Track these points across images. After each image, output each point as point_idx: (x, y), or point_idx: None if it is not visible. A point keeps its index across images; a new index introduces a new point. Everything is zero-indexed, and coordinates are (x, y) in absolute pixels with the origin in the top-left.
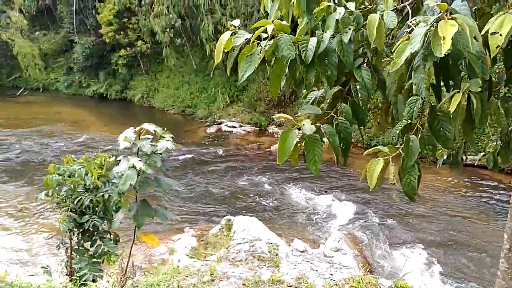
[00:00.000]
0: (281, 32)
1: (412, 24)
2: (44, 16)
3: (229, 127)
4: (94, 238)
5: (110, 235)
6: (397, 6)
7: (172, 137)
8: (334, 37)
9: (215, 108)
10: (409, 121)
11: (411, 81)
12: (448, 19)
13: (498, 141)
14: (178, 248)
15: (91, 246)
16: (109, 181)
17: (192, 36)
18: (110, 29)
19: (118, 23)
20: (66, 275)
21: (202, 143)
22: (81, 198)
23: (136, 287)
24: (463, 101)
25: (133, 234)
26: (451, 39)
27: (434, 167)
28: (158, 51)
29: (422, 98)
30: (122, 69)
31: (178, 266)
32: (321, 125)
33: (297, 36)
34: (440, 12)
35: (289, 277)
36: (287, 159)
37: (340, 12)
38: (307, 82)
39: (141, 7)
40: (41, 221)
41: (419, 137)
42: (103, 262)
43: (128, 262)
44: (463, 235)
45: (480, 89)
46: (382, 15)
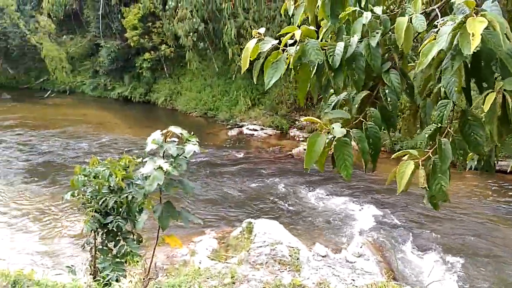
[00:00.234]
0: (307, 37)
1: (440, 24)
2: (71, 21)
3: (250, 130)
4: (117, 238)
5: (133, 236)
6: (426, 10)
7: (197, 140)
8: (361, 41)
9: (236, 111)
10: (439, 125)
11: (440, 85)
12: (477, 16)
13: None
14: (200, 250)
15: (115, 247)
16: (133, 182)
17: (215, 40)
18: (135, 33)
19: (142, 27)
20: (90, 274)
21: (223, 146)
22: (105, 199)
23: None
24: (498, 99)
25: (157, 236)
26: (481, 37)
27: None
28: (182, 55)
29: (453, 102)
30: (146, 72)
31: (199, 268)
32: (350, 130)
33: (320, 40)
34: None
35: (310, 282)
36: (313, 163)
37: (366, 16)
38: (336, 87)
39: (165, 12)
40: (66, 221)
41: (450, 141)
42: (126, 262)
43: (151, 263)
44: (490, 242)
45: None
46: (411, 18)
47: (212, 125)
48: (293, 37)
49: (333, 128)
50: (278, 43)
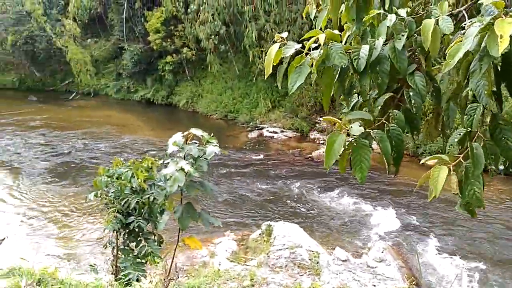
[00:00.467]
0: (331, 41)
1: (467, 26)
2: (95, 24)
3: (270, 132)
4: (139, 239)
5: (155, 237)
6: (452, 11)
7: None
8: (385, 44)
9: (257, 113)
10: (469, 129)
11: (468, 88)
12: (507, 17)
13: None
14: (219, 251)
15: (136, 247)
16: (155, 183)
17: (236, 43)
18: (158, 36)
19: (165, 30)
20: (112, 274)
21: (243, 148)
22: (127, 200)
23: None
24: None
25: (177, 237)
26: (510, 39)
27: (486, 176)
28: (203, 58)
29: (483, 106)
30: (168, 75)
31: (218, 270)
32: (371, 131)
33: (343, 44)
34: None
35: (330, 286)
36: (333, 163)
37: (391, 19)
38: (362, 90)
39: (187, 15)
40: (88, 220)
41: (481, 145)
42: (147, 262)
43: (171, 264)
44: None
45: None
46: (437, 20)
47: (232, 128)
48: (317, 41)
49: (351, 127)
50: (301, 47)
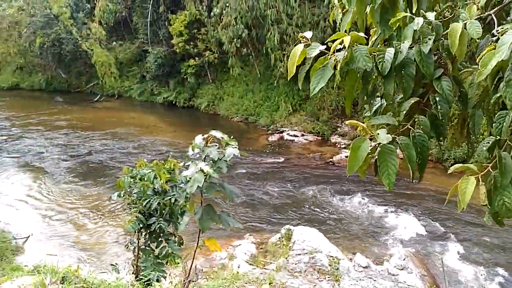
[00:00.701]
0: (356, 44)
1: (499, 32)
2: (121, 28)
3: (291, 135)
4: (160, 239)
5: (175, 238)
6: (481, 15)
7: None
8: (411, 47)
9: (277, 116)
10: (498, 137)
11: (498, 94)
12: None
13: None
14: (238, 254)
15: (157, 247)
16: (177, 185)
17: (258, 46)
18: (181, 39)
19: (188, 34)
20: (132, 273)
21: (263, 151)
22: (149, 201)
23: None
24: None
25: (197, 238)
26: None
27: None
28: (225, 61)
29: None
30: (190, 78)
31: (237, 272)
32: (396, 137)
33: (370, 47)
34: None
35: None
36: (357, 168)
37: (418, 22)
38: (386, 94)
39: (210, 18)
40: (110, 220)
41: (510, 154)
42: (167, 263)
43: (191, 265)
44: None
45: None
46: (465, 24)
47: (252, 130)
48: (341, 43)
49: (378, 134)
50: (325, 49)
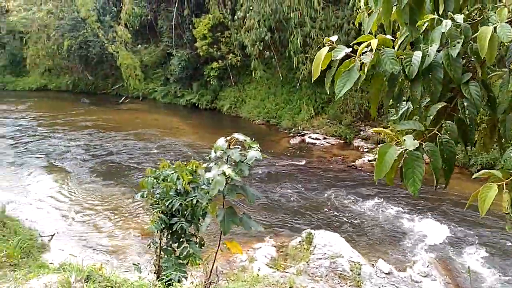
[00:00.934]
0: (383, 46)
1: None
2: (146, 31)
3: (312, 139)
4: (181, 240)
5: (196, 238)
6: None
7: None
8: (439, 50)
9: (299, 119)
10: None
11: None
12: None
13: None
14: (258, 257)
15: (178, 248)
16: (198, 186)
17: (280, 49)
18: (205, 42)
19: (212, 37)
20: (154, 273)
21: (284, 154)
22: (172, 201)
23: None
24: None
25: (219, 240)
26: None
27: None
28: (247, 64)
29: None
30: (213, 80)
31: (257, 275)
32: (423, 143)
33: (396, 49)
34: None
35: None
36: (384, 175)
37: (446, 24)
38: (413, 98)
39: (234, 22)
40: (133, 220)
41: None
42: (188, 264)
43: (212, 267)
44: None
45: None
46: (495, 27)
47: (274, 133)
48: (368, 45)
49: (404, 140)
50: (351, 52)
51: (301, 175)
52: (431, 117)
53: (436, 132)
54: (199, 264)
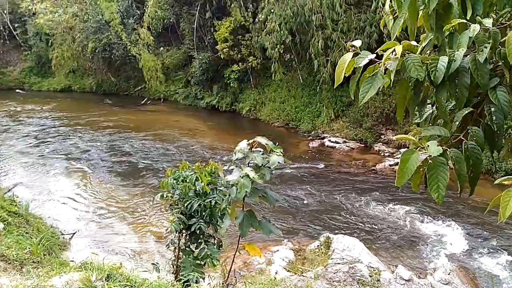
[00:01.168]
0: (407, 52)
1: None
2: (168, 33)
3: (332, 142)
4: (199, 241)
5: (214, 240)
6: None
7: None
8: (465, 55)
9: (319, 122)
10: None
11: None
12: None
13: None
14: (276, 259)
15: (196, 248)
16: (217, 188)
17: (301, 52)
18: (225, 45)
19: (232, 39)
20: (172, 273)
21: (303, 157)
22: (191, 202)
23: None
24: None
25: (237, 242)
26: None
27: None
28: (267, 66)
29: None
30: (233, 83)
31: (275, 278)
32: (448, 149)
33: (419, 54)
34: None
35: None
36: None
37: (474, 29)
38: (439, 103)
39: (255, 25)
40: (152, 220)
41: None
42: (205, 264)
43: (230, 269)
44: None
45: None
46: None
47: (293, 136)
48: (393, 52)
49: (428, 146)
50: (375, 57)
51: (320, 178)
52: (457, 122)
53: (462, 138)
54: (216, 265)
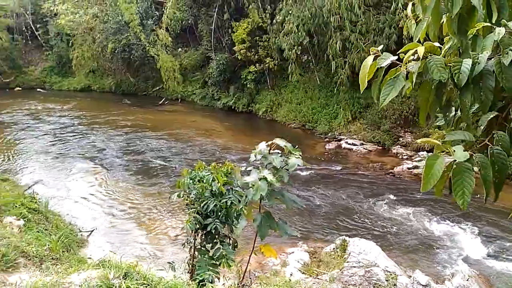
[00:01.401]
0: (430, 54)
1: None
2: (186, 35)
3: (349, 144)
4: (215, 241)
5: (230, 240)
6: None
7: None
8: (490, 58)
9: (336, 124)
10: None
11: None
12: None
13: None
14: (291, 261)
15: (212, 248)
16: (233, 188)
17: (319, 53)
18: (243, 46)
19: (250, 41)
20: (188, 272)
21: (320, 159)
22: (207, 202)
23: None
24: None
25: (253, 243)
26: None
27: None
28: (284, 67)
29: None
30: (250, 84)
31: (290, 280)
32: (473, 154)
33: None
34: None
35: None
36: (432, 187)
37: (500, 32)
38: (462, 106)
39: (273, 26)
40: (168, 219)
41: None
42: (220, 264)
43: (246, 269)
44: None
45: None
46: None
47: (309, 137)
48: (415, 53)
49: (454, 151)
50: (397, 60)
51: (336, 180)
52: (482, 127)
53: (487, 143)
54: (231, 265)
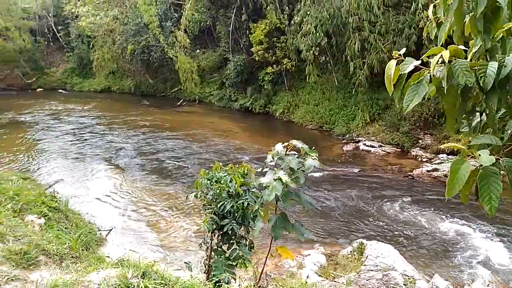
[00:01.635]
0: (454, 57)
1: None
2: (204, 36)
3: (367, 146)
4: (231, 241)
5: (246, 241)
6: None
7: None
8: None
9: (353, 125)
10: None
11: None
12: None
13: None
14: (307, 263)
15: (228, 249)
16: (249, 189)
17: (337, 54)
18: (260, 47)
19: (267, 42)
20: (204, 272)
21: (337, 161)
22: (224, 203)
23: None
24: None
25: (269, 245)
26: None
27: None
28: (302, 68)
29: None
30: (267, 85)
31: (306, 282)
32: (499, 158)
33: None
34: None
35: None
36: (457, 192)
37: None
38: (489, 111)
39: (290, 27)
40: (185, 219)
41: None
42: (237, 265)
43: (262, 271)
44: None
45: None
46: None
47: (327, 139)
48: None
49: (479, 155)
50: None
51: (354, 182)
52: (509, 131)
53: None
54: (248, 266)
